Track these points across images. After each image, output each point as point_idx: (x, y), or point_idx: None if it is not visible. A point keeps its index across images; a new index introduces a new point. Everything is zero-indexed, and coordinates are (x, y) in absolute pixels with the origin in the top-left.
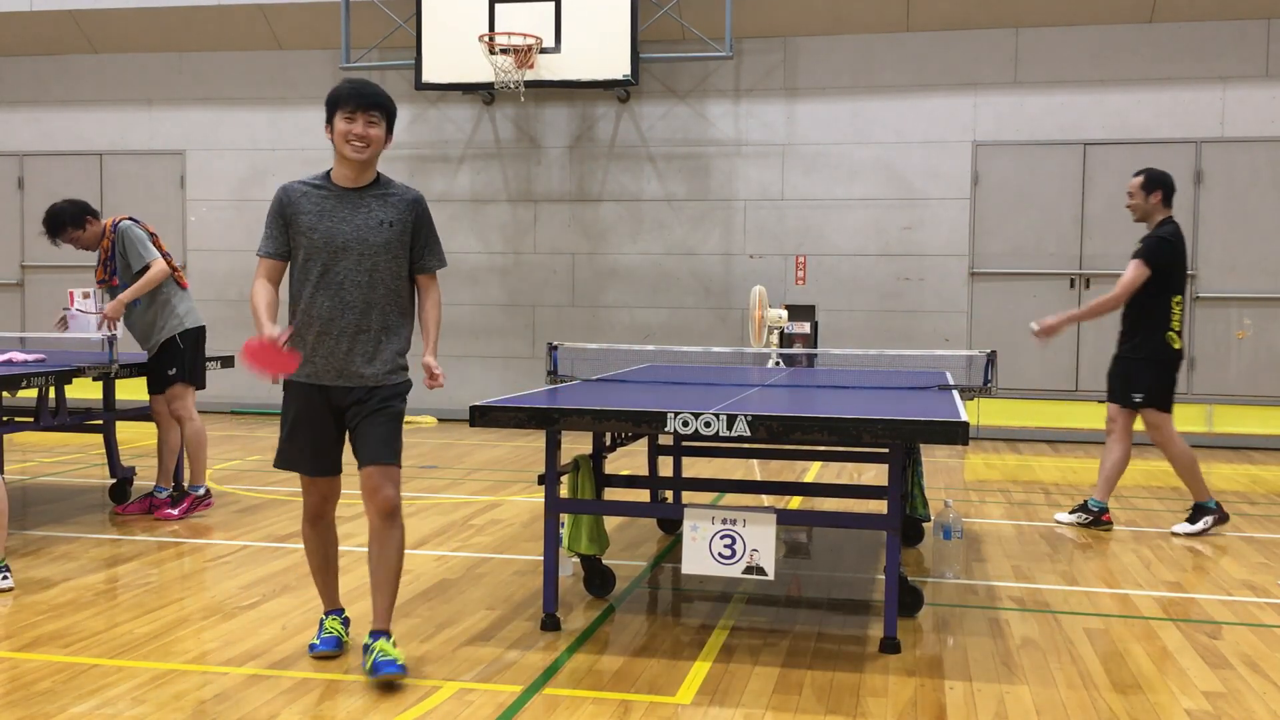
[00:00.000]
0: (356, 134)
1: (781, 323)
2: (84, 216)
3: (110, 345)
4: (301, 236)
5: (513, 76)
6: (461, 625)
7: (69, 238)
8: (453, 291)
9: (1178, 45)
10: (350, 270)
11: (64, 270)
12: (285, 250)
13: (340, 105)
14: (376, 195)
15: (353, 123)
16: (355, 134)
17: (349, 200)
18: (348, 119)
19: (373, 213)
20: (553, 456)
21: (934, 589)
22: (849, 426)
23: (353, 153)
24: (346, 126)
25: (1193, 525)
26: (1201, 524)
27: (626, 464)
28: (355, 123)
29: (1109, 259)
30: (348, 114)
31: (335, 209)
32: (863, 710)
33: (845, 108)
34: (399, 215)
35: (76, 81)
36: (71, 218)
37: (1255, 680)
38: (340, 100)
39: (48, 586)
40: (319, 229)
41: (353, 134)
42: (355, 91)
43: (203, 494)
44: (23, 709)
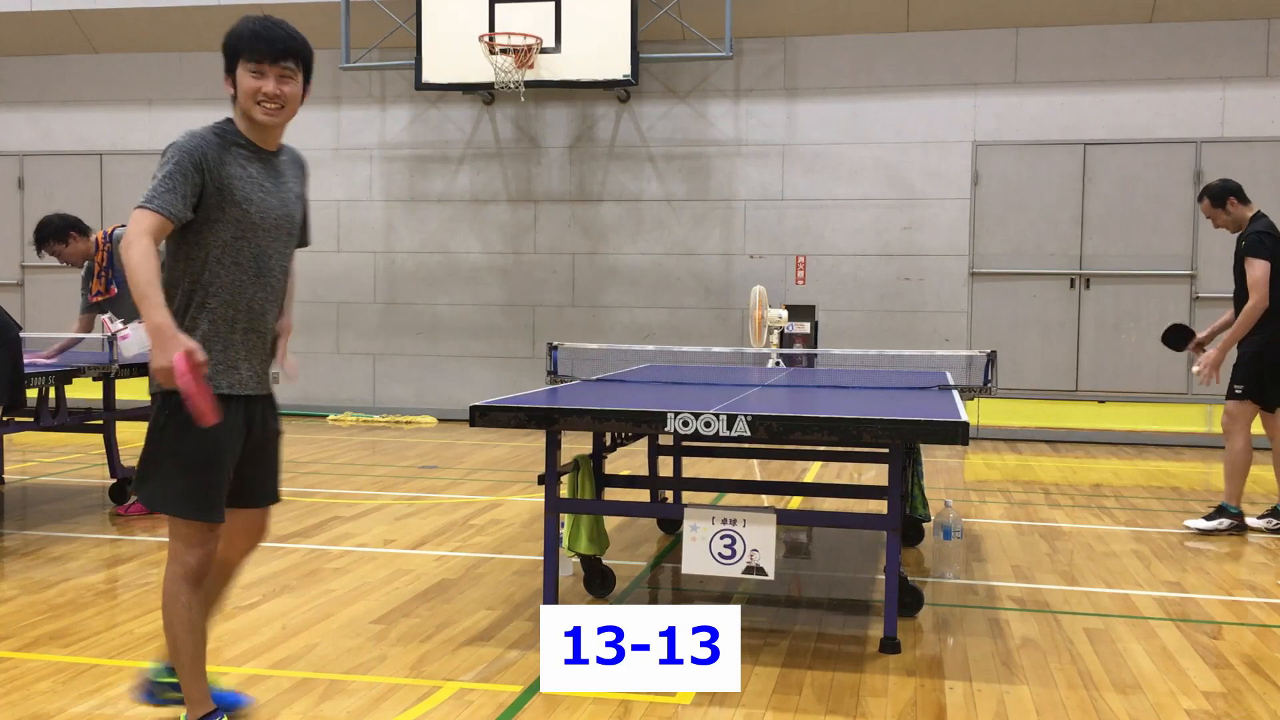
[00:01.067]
0: (268, 93)
1: (781, 323)
2: (68, 231)
3: (110, 345)
4: (234, 208)
5: (513, 76)
6: (461, 625)
7: (51, 250)
8: (453, 291)
9: (1178, 45)
10: (278, 253)
11: (64, 270)
12: (189, 215)
13: (243, 55)
14: (286, 161)
15: (262, 79)
16: (266, 93)
17: (271, 167)
18: (255, 74)
19: (288, 183)
20: (553, 456)
21: (934, 589)
22: (849, 426)
23: (264, 115)
24: (255, 84)
25: (1208, 522)
26: (1215, 524)
27: (626, 464)
28: (266, 79)
29: (1109, 259)
30: (254, 68)
31: (262, 177)
32: (863, 710)
33: (845, 108)
34: (303, 185)
35: (76, 81)
36: (55, 231)
37: (1255, 680)
38: (242, 48)
39: (48, 586)
40: (254, 200)
41: (263, 93)
42: (260, 35)
43: None
44: (23, 709)
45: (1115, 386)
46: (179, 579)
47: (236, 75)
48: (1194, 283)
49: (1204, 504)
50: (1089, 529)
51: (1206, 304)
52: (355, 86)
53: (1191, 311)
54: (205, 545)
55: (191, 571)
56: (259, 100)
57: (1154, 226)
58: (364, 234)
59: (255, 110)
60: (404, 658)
